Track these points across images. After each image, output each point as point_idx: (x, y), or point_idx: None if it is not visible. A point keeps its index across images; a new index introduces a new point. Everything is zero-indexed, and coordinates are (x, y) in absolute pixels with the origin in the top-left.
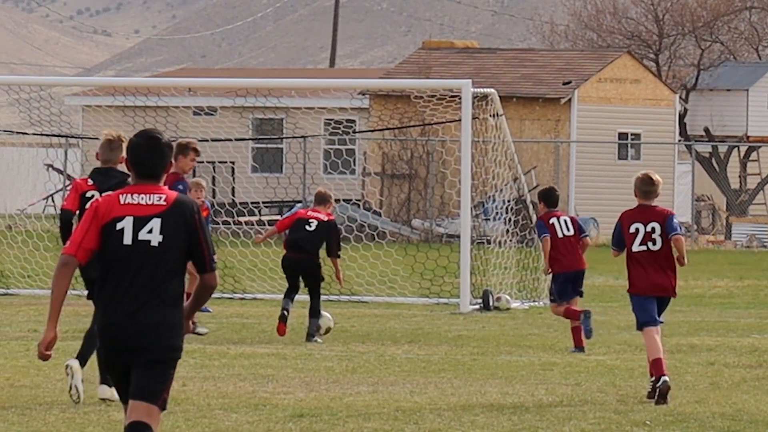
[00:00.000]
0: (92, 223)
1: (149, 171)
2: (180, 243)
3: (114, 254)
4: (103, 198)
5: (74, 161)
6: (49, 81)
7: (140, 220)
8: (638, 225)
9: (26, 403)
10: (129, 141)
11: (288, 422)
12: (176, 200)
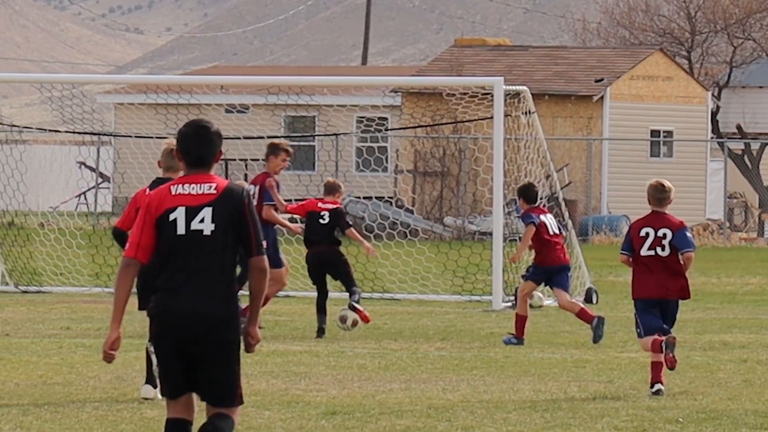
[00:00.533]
0: (146, 219)
1: (199, 159)
2: (231, 230)
3: (169, 245)
4: (155, 191)
5: (106, 159)
6: (82, 79)
7: (192, 210)
8: (648, 229)
9: (59, 401)
10: (179, 131)
11: (320, 420)
12: (226, 188)
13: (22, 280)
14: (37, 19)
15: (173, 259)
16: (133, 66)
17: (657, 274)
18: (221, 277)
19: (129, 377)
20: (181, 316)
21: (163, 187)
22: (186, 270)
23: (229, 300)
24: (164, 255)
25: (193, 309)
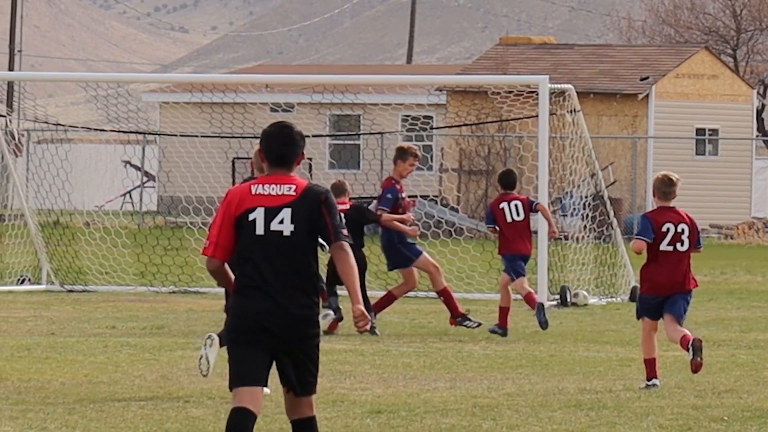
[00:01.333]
0: (225, 218)
1: (281, 159)
2: (310, 231)
3: (248, 244)
4: (235, 190)
5: (152, 158)
6: (127, 78)
7: (271, 211)
8: (669, 225)
9: (104, 400)
10: (263, 131)
11: (366, 418)
12: (306, 189)
13: (67, 279)
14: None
15: (253, 258)
16: (179, 65)
17: (672, 270)
18: (299, 277)
19: (174, 376)
20: (260, 314)
21: (243, 186)
22: (265, 269)
23: (307, 298)
24: (243, 253)
25: (272, 307)
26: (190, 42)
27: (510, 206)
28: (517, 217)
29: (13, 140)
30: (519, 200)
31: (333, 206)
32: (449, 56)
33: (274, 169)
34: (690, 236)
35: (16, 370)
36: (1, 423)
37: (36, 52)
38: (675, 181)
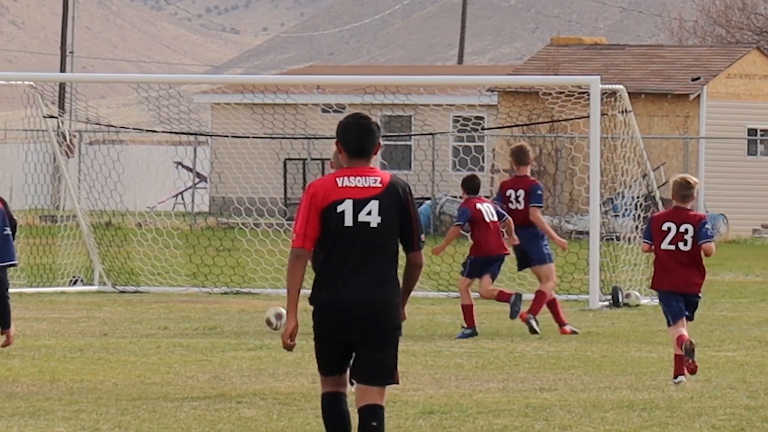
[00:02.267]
0: (311, 211)
1: (360, 150)
2: (396, 223)
3: (336, 236)
4: (319, 183)
5: (203, 159)
6: (178, 79)
7: (359, 203)
8: (670, 224)
9: (157, 400)
10: (339, 123)
11: (418, 419)
12: (391, 182)
13: (119, 280)
14: (134, 19)
15: (339, 249)
16: (230, 66)
17: (676, 269)
18: (386, 267)
19: (227, 376)
20: (347, 304)
21: (328, 178)
22: (352, 260)
23: (393, 288)
24: (330, 245)
25: (359, 297)
26: (241, 43)
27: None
28: (493, 217)
29: (65, 141)
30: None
31: (416, 205)
32: (500, 57)
33: (353, 161)
34: (694, 236)
35: (69, 371)
36: (54, 424)
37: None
38: (693, 184)
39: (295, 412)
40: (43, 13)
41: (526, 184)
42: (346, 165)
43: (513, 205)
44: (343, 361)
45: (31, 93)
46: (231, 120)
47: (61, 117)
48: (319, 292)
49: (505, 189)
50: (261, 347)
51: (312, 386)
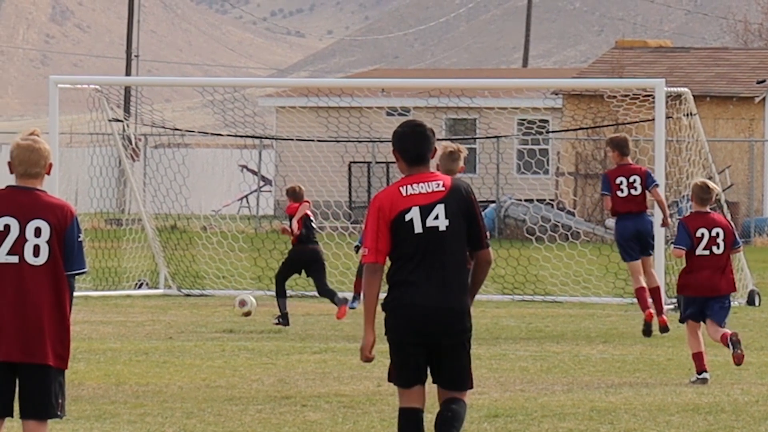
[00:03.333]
0: (379, 224)
1: (418, 157)
2: (462, 224)
3: (407, 243)
4: (383, 195)
5: (268, 162)
6: (243, 82)
7: (425, 208)
8: (703, 230)
9: (222, 403)
10: (394, 132)
11: (483, 422)
12: (453, 185)
13: (184, 283)
14: (199, 23)
15: (411, 255)
16: (295, 69)
17: (710, 272)
18: (457, 270)
19: (292, 380)
20: (422, 309)
21: (391, 188)
22: (424, 265)
23: (465, 291)
24: (401, 252)
25: (434, 302)
26: (306, 46)
27: None
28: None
29: (130, 145)
30: None
31: (477, 203)
32: (565, 60)
33: (413, 168)
34: (725, 239)
35: (135, 375)
36: (119, 427)
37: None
38: (712, 188)
39: (359, 416)
40: (109, 17)
41: (639, 170)
42: (406, 173)
43: (624, 193)
44: (421, 369)
45: (96, 97)
46: (296, 123)
47: (127, 120)
48: (393, 299)
49: (614, 177)
50: (326, 350)
51: (377, 390)
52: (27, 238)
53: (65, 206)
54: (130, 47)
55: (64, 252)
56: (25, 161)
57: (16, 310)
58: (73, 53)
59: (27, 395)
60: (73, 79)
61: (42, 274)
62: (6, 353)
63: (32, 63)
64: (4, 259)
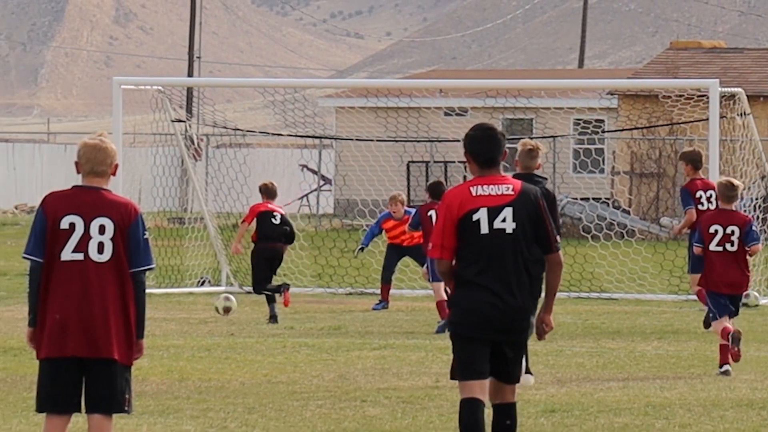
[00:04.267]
0: (446, 221)
1: (489, 160)
2: (530, 228)
3: (473, 243)
4: (453, 193)
5: (328, 161)
6: (303, 83)
7: (494, 210)
8: (717, 227)
9: (283, 399)
10: (466, 135)
11: (540, 417)
12: (522, 189)
13: (246, 281)
14: (260, 25)
15: (477, 255)
16: (354, 70)
17: (724, 269)
18: (522, 271)
19: (351, 375)
20: (487, 307)
21: (462, 187)
22: (490, 266)
23: (529, 292)
24: (467, 252)
25: (499, 302)
26: (365, 48)
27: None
28: None
29: (192, 145)
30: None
31: (546, 208)
32: (620, 60)
33: (485, 170)
34: (740, 237)
35: (197, 370)
36: (182, 422)
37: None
38: (736, 186)
39: (418, 411)
40: (171, 19)
41: (712, 185)
42: (477, 174)
43: (703, 206)
44: (482, 361)
45: (159, 97)
46: (355, 123)
47: (189, 121)
48: (458, 296)
49: (694, 192)
50: (385, 347)
51: (435, 385)
52: (91, 236)
53: (129, 204)
54: (192, 49)
55: (129, 249)
56: (92, 160)
57: (81, 306)
58: (136, 55)
59: (93, 390)
60: (136, 81)
61: (106, 270)
62: (73, 349)
63: (96, 65)
64: (70, 256)
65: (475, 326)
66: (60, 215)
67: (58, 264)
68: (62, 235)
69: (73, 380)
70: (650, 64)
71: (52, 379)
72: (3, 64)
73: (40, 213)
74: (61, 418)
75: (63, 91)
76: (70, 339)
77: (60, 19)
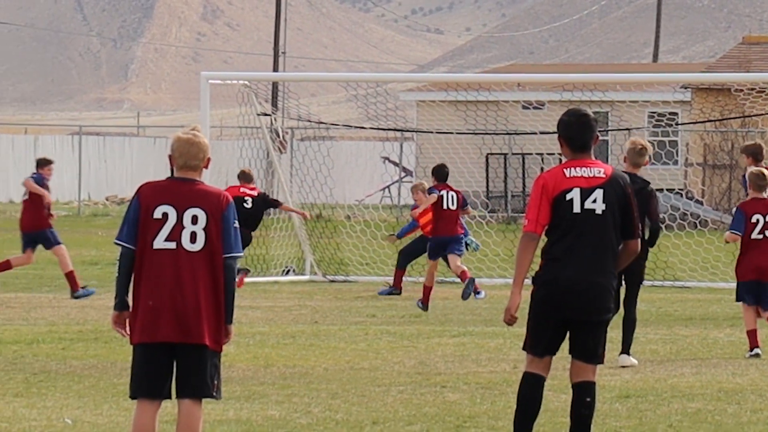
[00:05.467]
0: (542, 199)
1: (582, 144)
2: (617, 211)
3: (565, 221)
4: (548, 174)
5: (409, 154)
6: (385, 77)
7: (586, 191)
8: (759, 216)
9: (365, 385)
10: (560, 120)
11: (615, 402)
12: (613, 174)
13: (329, 270)
14: (343, 21)
15: (567, 233)
16: (434, 65)
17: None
18: (608, 251)
19: (432, 362)
20: (573, 284)
21: (556, 169)
22: (578, 244)
23: (613, 273)
24: (559, 230)
25: (585, 278)
26: (445, 43)
27: (448, 196)
28: (452, 206)
29: (277, 138)
30: (454, 191)
31: (633, 195)
32: (694, 55)
33: (577, 154)
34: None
35: (282, 357)
36: (268, 407)
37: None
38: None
39: (497, 396)
40: (257, 16)
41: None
42: (569, 158)
43: None
44: (555, 340)
45: (245, 92)
46: (435, 116)
47: (274, 114)
48: (545, 272)
49: None
50: (464, 334)
51: (513, 372)
52: (184, 226)
53: (221, 193)
54: (278, 44)
55: (222, 236)
56: (185, 153)
57: (173, 293)
58: (223, 50)
59: (183, 375)
60: (223, 75)
61: (198, 259)
62: (165, 334)
63: (184, 60)
64: (162, 245)
65: (558, 303)
66: (153, 205)
67: (150, 252)
68: (155, 224)
69: (164, 366)
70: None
71: (145, 364)
72: (94, 60)
73: (134, 201)
74: (152, 403)
75: (152, 85)
76: (162, 325)
77: (149, 16)
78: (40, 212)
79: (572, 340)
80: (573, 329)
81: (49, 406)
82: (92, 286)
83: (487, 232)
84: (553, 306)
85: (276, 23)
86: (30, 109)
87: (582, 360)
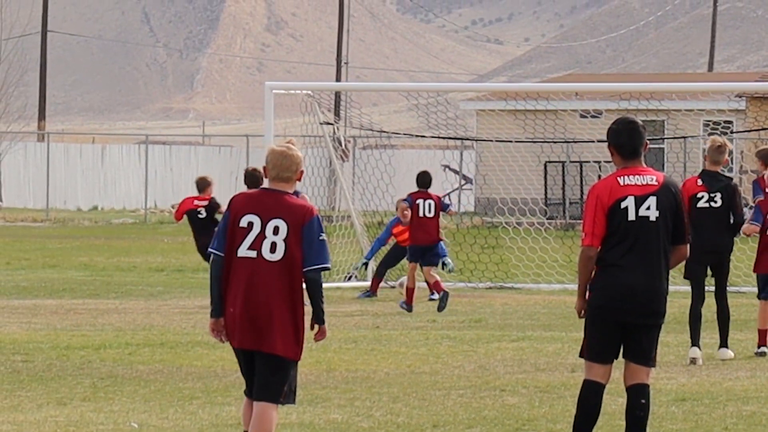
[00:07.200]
0: (597, 210)
1: (632, 152)
2: (669, 217)
3: (620, 229)
4: (601, 184)
5: (469, 162)
6: (446, 87)
7: (639, 199)
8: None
9: (426, 389)
10: (609, 129)
11: (671, 406)
12: (665, 181)
13: (391, 276)
14: (405, 32)
15: (623, 240)
16: (494, 74)
17: None
18: (661, 257)
19: (491, 366)
20: (629, 289)
21: (609, 179)
22: (634, 250)
23: (666, 278)
24: (614, 237)
25: (640, 284)
26: (504, 53)
27: (424, 204)
28: (429, 213)
29: (340, 146)
30: (432, 199)
31: (683, 200)
32: (748, 64)
33: (628, 162)
34: None
35: (344, 361)
36: (330, 411)
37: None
38: None
39: (555, 400)
40: (320, 27)
41: None
42: (620, 166)
43: None
44: (614, 345)
45: (308, 101)
46: (495, 125)
47: (337, 123)
48: (601, 278)
49: (765, 186)
50: (523, 339)
51: (571, 376)
52: (266, 236)
53: (306, 207)
54: (340, 55)
55: (302, 249)
56: (278, 165)
57: (247, 301)
58: (287, 61)
59: (258, 379)
60: (286, 85)
61: (276, 269)
62: (239, 341)
63: (249, 70)
64: (244, 253)
65: (615, 308)
66: (241, 214)
67: (234, 260)
68: (240, 232)
69: (247, 369)
70: None
71: (239, 365)
72: (161, 71)
73: (227, 210)
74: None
75: (217, 95)
76: (237, 331)
77: (215, 27)
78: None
79: (627, 344)
80: (628, 333)
81: (116, 411)
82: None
83: (545, 239)
84: (610, 311)
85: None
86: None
87: (636, 362)
